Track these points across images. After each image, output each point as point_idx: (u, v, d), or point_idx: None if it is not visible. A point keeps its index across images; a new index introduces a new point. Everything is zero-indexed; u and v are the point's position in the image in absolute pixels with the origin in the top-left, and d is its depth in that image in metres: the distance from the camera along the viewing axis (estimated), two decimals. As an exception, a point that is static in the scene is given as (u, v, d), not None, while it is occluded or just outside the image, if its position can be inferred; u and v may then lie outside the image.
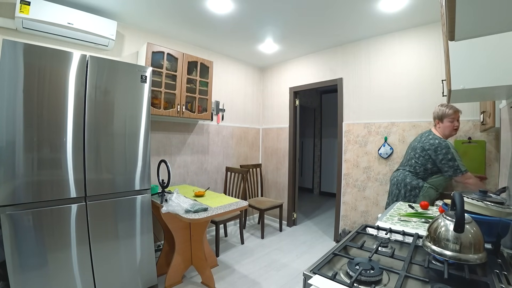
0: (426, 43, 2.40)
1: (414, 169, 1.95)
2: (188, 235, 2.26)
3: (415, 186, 1.91)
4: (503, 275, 0.81)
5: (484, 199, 0.99)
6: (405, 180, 1.97)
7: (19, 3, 1.79)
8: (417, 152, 1.93)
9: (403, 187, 1.97)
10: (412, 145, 2.05)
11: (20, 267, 1.42)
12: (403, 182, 1.97)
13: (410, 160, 1.99)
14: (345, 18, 2.37)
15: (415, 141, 2.03)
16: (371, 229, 1.25)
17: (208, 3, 2.15)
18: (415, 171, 1.95)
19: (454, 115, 1.86)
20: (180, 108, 2.64)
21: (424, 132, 2.02)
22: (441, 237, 0.83)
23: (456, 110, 1.87)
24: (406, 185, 1.95)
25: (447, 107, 1.88)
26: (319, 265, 0.88)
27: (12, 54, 1.40)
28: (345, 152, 3.01)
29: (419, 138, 2.00)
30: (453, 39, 0.63)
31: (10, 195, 1.41)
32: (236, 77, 3.70)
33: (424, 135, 1.97)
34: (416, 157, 1.94)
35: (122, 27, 2.53)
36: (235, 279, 2.27)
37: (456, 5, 0.49)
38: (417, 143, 1.97)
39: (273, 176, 3.90)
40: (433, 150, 1.83)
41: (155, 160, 2.65)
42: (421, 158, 1.90)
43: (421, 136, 2.00)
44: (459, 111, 1.89)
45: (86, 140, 1.67)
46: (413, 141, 2.06)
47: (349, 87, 2.99)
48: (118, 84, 1.81)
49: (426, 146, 1.87)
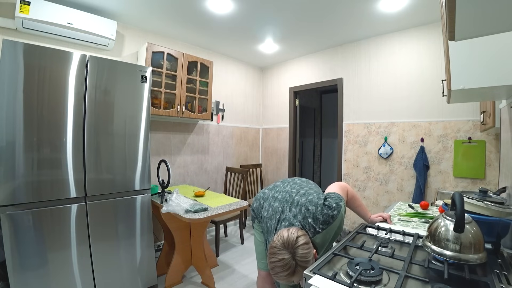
0: (426, 43, 2.40)
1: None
2: (188, 235, 2.26)
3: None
4: (503, 275, 0.81)
5: (484, 199, 0.99)
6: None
7: (19, 3, 1.79)
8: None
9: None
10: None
11: (20, 267, 1.42)
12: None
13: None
14: (345, 18, 2.37)
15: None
16: (371, 229, 1.25)
17: (208, 3, 2.15)
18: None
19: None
20: (180, 108, 2.64)
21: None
22: (441, 237, 0.83)
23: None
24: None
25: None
26: (319, 265, 0.88)
27: (12, 54, 1.40)
28: (345, 152, 3.01)
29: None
30: (453, 39, 0.63)
31: (10, 195, 1.41)
32: (236, 77, 3.70)
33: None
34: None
35: (122, 27, 2.53)
36: (235, 279, 2.27)
37: (456, 5, 0.49)
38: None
39: (273, 176, 3.90)
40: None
41: (155, 160, 2.65)
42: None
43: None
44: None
45: (86, 140, 1.67)
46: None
47: (349, 87, 2.99)
48: (118, 84, 1.81)
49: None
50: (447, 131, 2.28)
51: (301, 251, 0.93)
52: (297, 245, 0.93)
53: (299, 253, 0.92)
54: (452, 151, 2.25)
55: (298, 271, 0.91)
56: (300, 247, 0.93)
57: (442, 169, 2.31)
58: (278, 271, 0.92)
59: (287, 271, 0.91)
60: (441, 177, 2.32)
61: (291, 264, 0.91)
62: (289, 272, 0.91)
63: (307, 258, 0.93)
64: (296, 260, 0.91)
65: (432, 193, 2.35)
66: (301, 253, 0.92)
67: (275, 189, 1.34)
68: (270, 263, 0.94)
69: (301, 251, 0.93)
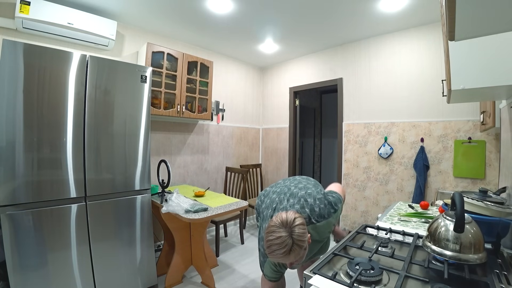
0: (426, 43, 2.40)
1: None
2: (188, 235, 2.26)
3: None
4: (503, 275, 0.81)
5: (484, 199, 0.99)
6: None
7: (19, 3, 1.79)
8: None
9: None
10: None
11: (20, 267, 1.42)
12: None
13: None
14: (345, 18, 2.37)
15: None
16: (371, 229, 1.25)
17: (208, 3, 2.15)
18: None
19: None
20: (180, 108, 2.64)
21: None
22: (441, 237, 0.83)
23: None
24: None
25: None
26: (319, 265, 0.88)
27: (12, 54, 1.40)
28: (345, 152, 3.01)
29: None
30: (453, 39, 0.63)
31: (10, 195, 1.41)
32: (236, 77, 3.70)
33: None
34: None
35: (122, 27, 2.53)
36: (235, 279, 2.27)
37: (456, 5, 0.49)
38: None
39: (273, 176, 3.90)
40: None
41: (155, 160, 2.65)
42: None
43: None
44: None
45: (86, 140, 1.67)
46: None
47: (349, 87, 2.99)
48: (118, 84, 1.81)
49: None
50: (447, 131, 2.28)
51: (297, 230, 0.96)
52: (294, 224, 0.96)
53: (296, 232, 0.95)
54: (452, 151, 2.25)
55: (294, 249, 0.94)
56: (297, 226, 0.96)
57: (442, 169, 2.31)
58: (274, 249, 0.94)
59: (284, 249, 0.93)
60: (441, 177, 2.32)
61: (288, 242, 0.93)
62: (286, 250, 0.93)
63: (303, 237, 0.96)
64: (293, 238, 0.94)
65: (432, 193, 2.35)
66: (297, 232, 0.95)
67: (275, 186, 1.39)
68: (267, 241, 0.96)
69: (298, 230, 0.96)
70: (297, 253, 0.95)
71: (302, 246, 0.95)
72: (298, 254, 0.95)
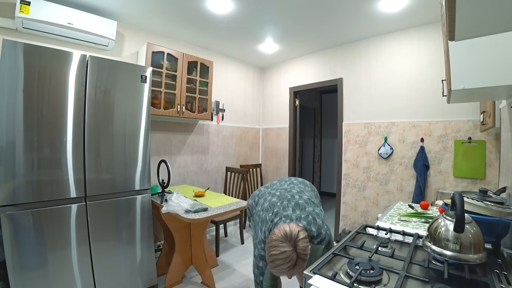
0: (426, 43, 2.40)
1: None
2: (188, 235, 2.26)
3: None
4: (503, 275, 0.81)
5: (484, 199, 0.99)
6: None
7: (19, 3, 1.79)
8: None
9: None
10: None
11: (20, 267, 1.42)
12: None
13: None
14: (345, 18, 2.37)
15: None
16: (371, 229, 1.25)
17: (208, 3, 2.15)
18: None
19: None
20: (180, 108, 2.64)
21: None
22: (441, 237, 0.83)
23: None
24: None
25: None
26: (319, 265, 0.88)
27: (12, 54, 1.40)
28: (345, 152, 3.01)
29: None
30: (453, 39, 0.63)
31: (10, 195, 1.41)
32: (236, 77, 3.70)
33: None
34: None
35: (122, 27, 2.53)
36: (235, 279, 2.27)
37: (456, 5, 0.49)
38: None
39: (273, 176, 3.90)
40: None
41: (155, 160, 2.65)
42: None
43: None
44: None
45: (86, 140, 1.67)
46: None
47: (349, 87, 2.99)
48: (118, 84, 1.81)
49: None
50: (447, 131, 2.28)
51: (301, 244, 0.94)
52: (298, 238, 0.95)
53: (300, 246, 0.94)
54: (452, 151, 2.25)
55: (298, 263, 0.93)
56: (301, 240, 0.95)
57: (442, 169, 2.31)
58: (279, 264, 0.93)
59: (288, 264, 0.92)
60: (441, 177, 2.32)
61: (293, 257, 0.92)
62: (290, 264, 0.92)
63: (307, 251, 0.95)
64: (297, 252, 0.93)
65: (432, 193, 2.35)
66: (301, 246, 0.94)
67: (271, 187, 1.36)
68: (271, 255, 0.95)
69: (302, 244, 0.95)
70: (300, 266, 0.94)
71: (306, 259, 0.95)
72: (302, 267, 0.94)
